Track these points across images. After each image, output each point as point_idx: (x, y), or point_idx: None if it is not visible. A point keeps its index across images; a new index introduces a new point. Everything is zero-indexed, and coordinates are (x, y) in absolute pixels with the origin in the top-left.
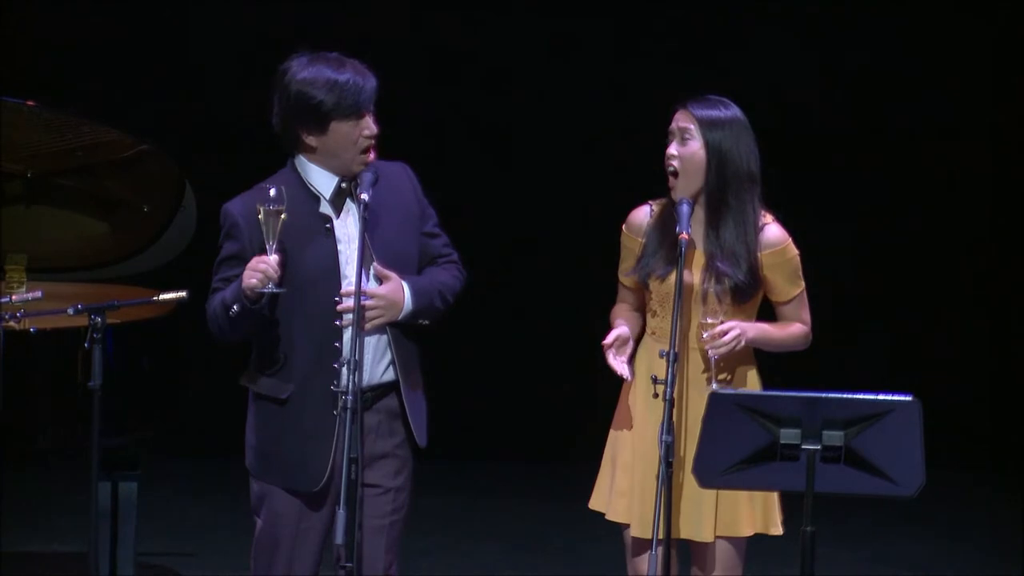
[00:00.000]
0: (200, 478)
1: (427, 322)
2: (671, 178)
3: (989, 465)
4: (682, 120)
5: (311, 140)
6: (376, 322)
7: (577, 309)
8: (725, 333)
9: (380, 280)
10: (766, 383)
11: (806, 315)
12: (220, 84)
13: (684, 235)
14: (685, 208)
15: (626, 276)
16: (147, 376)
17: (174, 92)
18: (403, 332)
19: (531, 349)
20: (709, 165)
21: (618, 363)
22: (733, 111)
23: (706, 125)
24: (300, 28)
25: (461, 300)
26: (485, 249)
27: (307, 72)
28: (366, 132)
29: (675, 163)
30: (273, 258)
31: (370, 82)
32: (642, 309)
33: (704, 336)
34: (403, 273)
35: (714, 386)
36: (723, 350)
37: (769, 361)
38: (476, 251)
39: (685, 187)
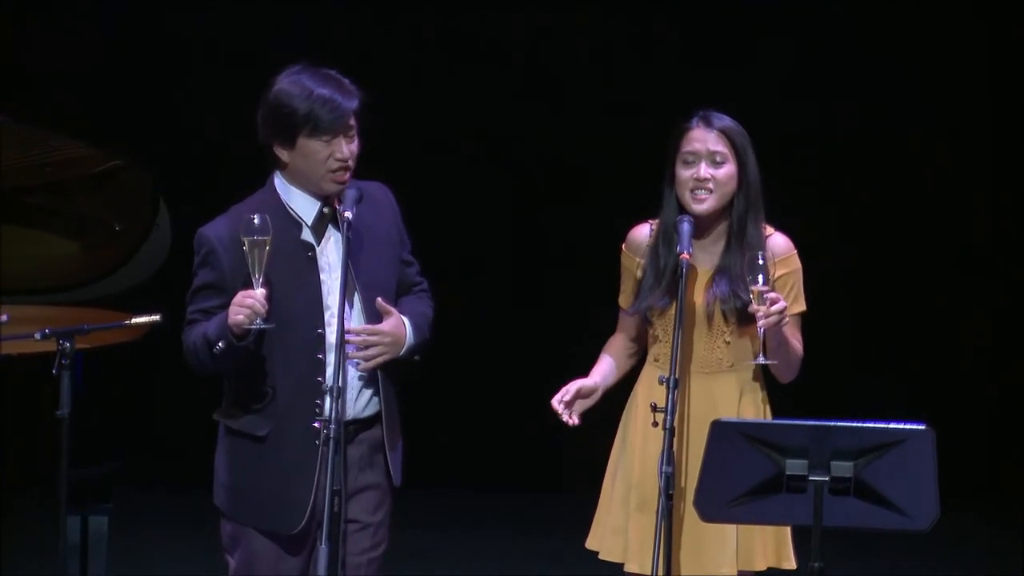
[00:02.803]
0: (175, 512)
1: (419, 358)
2: (695, 205)
3: (1009, 495)
4: (713, 142)
5: (283, 155)
6: (379, 360)
7: (568, 331)
8: (775, 301)
9: (379, 314)
10: (773, 411)
11: (799, 340)
12: (202, 97)
13: (685, 255)
14: (686, 227)
15: (626, 308)
16: (119, 404)
17: (154, 105)
18: (389, 365)
19: (518, 376)
20: (740, 189)
21: (562, 408)
22: (742, 127)
23: (739, 146)
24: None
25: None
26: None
27: (288, 80)
28: (337, 155)
29: (710, 186)
30: (260, 292)
31: (350, 103)
32: (642, 337)
33: (754, 304)
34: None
35: (761, 359)
36: (773, 319)
37: (777, 387)
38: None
39: (713, 204)
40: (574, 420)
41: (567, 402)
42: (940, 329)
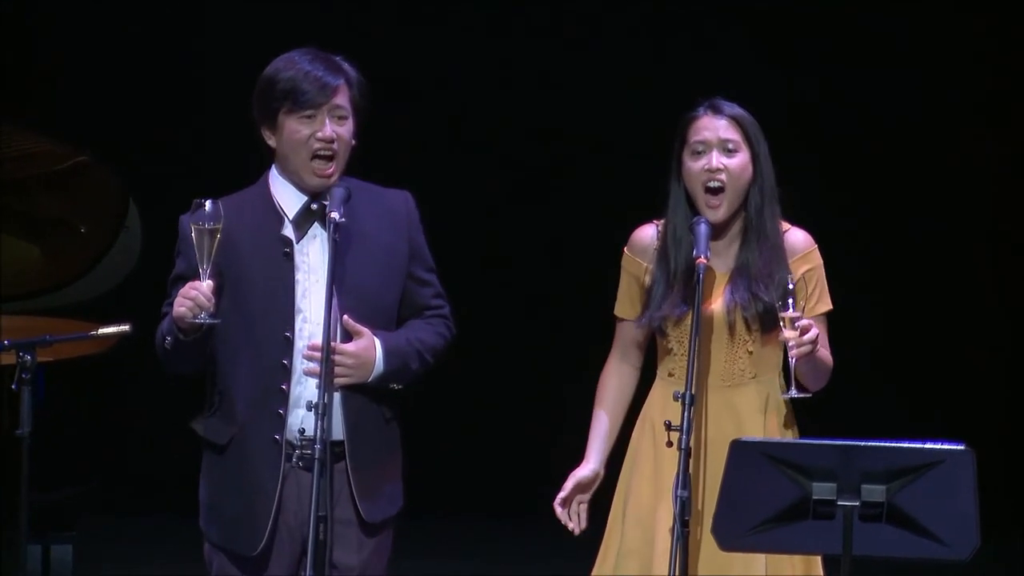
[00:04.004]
0: (147, 540)
1: (399, 386)
2: (710, 196)
3: None
4: (724, 129)
5: (270, 140)
6: (340, 382)
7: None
8: (807, 330)
9: (349, 334)
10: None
11: (827, 345)
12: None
13: (702, 259)
14: (703, 228)
15: (631, 319)
16: (85, 423)
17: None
18: (361, 389)
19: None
20: (755, 180)
21: (564, 515)
22: (751, 114)
23: (752, 135)
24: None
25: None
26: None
27: (280, 58)
28: (319, 134)
29: (723, 177)
30: (207, 284)
31: (336, 79)
32: (641, 351)
33: (785, 333)
34: (371, 319)
35: (792, 393)
36: (806, 348)
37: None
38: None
39: (728, 209)
40: (576, 526)
41: (565, 499)
42: (974, 340)
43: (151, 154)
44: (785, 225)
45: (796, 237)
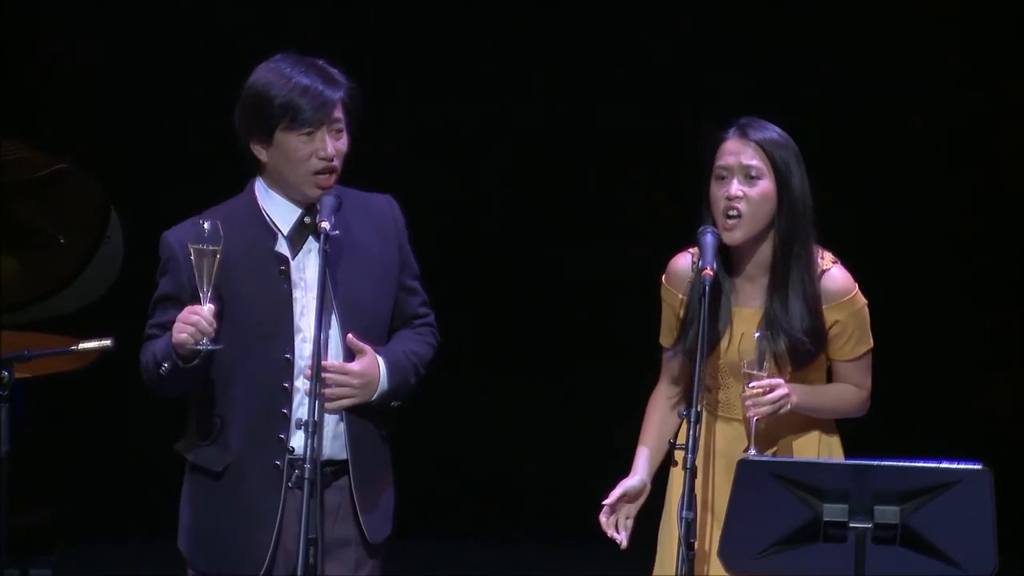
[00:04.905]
0: (129, 564)
1: (398, 404)
2: (727, 220)
3: None
4: (748, 155)
5: (261, 154)
6: (344, 403)
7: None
8: (771, 390)
9: (352, 352)
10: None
11: (868, 379)
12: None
13: (708, 271)
14: (709, 238)
15: (670, 350)
16: (65, 441)
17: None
18: (363, 408)
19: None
20: (780, 210)
21: (610, 527)
22: (787, 136)
23: (779, 161)
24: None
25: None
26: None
27: (265, 69)
28: (320, 152)
29: (741, 206)
30: (207, 308)
31: (335, 93)
32: (688, 383)
33: (744, 392)
34: (369, 334)
35: (751, 453)
36: (765, 410)
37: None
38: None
39: (745, 232)
40: (622, 538)
41: (612, 505)
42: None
43: (134, 162)
44: (826, 260)
45: (833, 281)
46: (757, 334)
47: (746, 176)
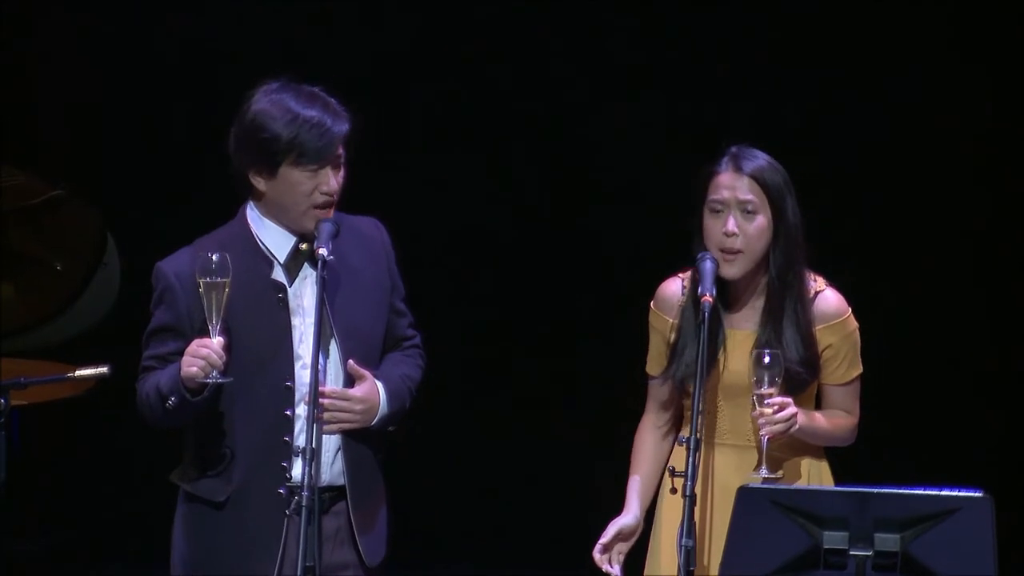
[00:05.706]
0: None
1: (394, 428)
2: (725, 255)
3: None
4: (742, 189)
5: (260, 184)
6: (346, 427)
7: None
8: (783, 408)
9: (352, 377)
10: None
11: (857, 406)
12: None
13: (707, 297)
14: (708, 265)
15: (658, 377)
16: (61, 469)
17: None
18: (360, 433)
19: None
20: (776, 241)
21: (604, 563)
22: (775, 163)
23: (773, 192)
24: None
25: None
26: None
27: (268, 100)
28: (323, 187)
29: (738, 243)
30: (217, 341)
31: (340, 127)
32: (677, 410)
33: (757, 410)
34: (366, 358)
35: (763, 472)
36: (778, 428)
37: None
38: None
39: (743, 267)
40: (616, 572)
41: (607, 544)
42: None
43: (132, 190)
44: (819, 283)
45: (827, 303)
46: (766, 354)
47: (743, 211)
